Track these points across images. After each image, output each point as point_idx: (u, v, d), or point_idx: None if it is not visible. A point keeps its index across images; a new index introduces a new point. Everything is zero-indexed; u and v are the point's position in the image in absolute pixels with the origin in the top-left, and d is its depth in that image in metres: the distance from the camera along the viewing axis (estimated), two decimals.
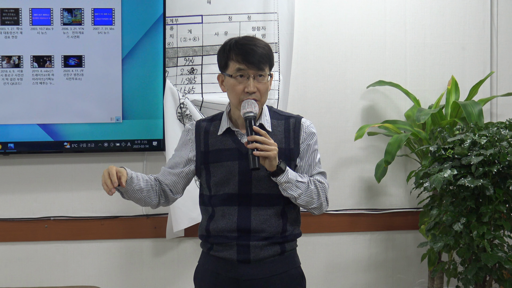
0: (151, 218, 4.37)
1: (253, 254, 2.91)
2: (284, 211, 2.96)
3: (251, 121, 2.83)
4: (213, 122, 3.00)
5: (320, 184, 2.95)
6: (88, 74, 4.14)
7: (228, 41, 2.94)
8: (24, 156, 4.26)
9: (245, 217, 2.91)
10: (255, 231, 2.91)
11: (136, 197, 2.94)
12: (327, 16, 4.47)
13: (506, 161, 3.77)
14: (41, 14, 4.08)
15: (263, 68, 2.87)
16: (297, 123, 2.98)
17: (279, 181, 2.85)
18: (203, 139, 2.98)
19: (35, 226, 4.29)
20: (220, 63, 2.94)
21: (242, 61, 2.86)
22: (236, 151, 2.92)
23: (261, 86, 2.88)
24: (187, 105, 4.17)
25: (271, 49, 2.92)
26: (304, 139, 2.97)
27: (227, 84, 2.92)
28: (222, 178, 2.92)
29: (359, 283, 4.57)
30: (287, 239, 2.97)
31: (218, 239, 2.94)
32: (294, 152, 2.95)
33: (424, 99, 4.51)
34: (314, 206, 2.95)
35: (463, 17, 4.59)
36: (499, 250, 3.81)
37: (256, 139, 2.78)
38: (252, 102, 2.85)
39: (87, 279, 4.33)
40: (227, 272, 2.94)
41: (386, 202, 4.57)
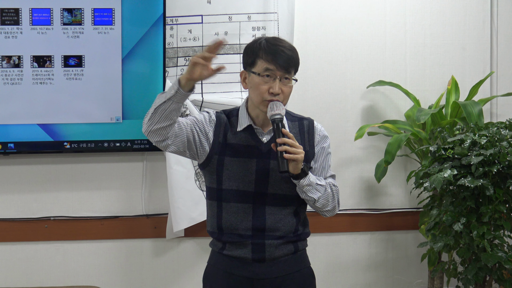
0: (151, 218, 4.37)
1: (268, 252, 2.90)
2: (297, 211, 2.95)
3: (278, 124, 2.80)
4: (231, 118, 2.96)
5: (334, 187, 2.96)
6: (88, 74, 4.13)
7: (257, 39, 2.91)
8: (24, 156, 4.25)
9: (260, 215, 2.89)
10: (270, 230, 2.89)
11: (170, 116, 2.76)
12: (327, 16, 4.47)
13: (506, 161, 3.77)
14: (41, 14, 4.08)
15: (290, 71, 2.86)
16: (310, 126, 2.98)
17: (301, 184, 2.84)
18: (223, 130, 2.93)
19: (35, 226, 4.29)
20: (246, 60, 2.90)
21: (272, 62, 2.83)
22: (255, 148, 2.90)
23: (285, 89, 2.86)
24: (187, 105, 4.17)
25: (298, 54, 2.91)
26: (318, 141, 2.97)
27: (251, 82, 2.88)
28: (237, 173, 2.89)
29: (359, 283, 4.57)
30: (299, 238, 2.96)
31: (232, 238, 2.91)
32: (310, 154, 2.95)
33: (424, 99, 4.51)
34: (328, 209, 2.95)
35: (463, 17, 4.59)
36: (499, 250, 3.81)
37: (286, 142, 2.76)
38: (279, 104, 2.83)
39: (87, 279, 4.33)
40: (240, 272, 2.91)
41: (386, 202, 4.57)
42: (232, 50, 4.23)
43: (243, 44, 4.23)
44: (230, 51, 4.24)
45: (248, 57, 2.90)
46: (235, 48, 4.24)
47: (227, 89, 4.24)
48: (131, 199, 4.36)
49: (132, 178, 4.35)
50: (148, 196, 4.36)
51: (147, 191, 4.36)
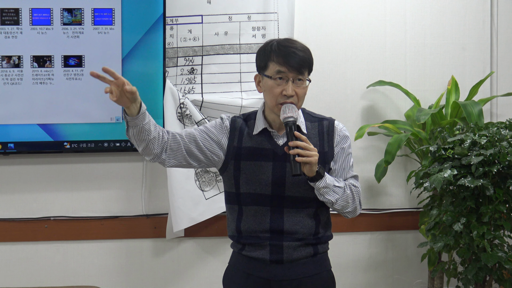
0: (151, 218, 4.37)
1: (286, 254, 2.89)
2: (317, 213, 2.93)
3: (291, 127, 2.79)
4: (248, 122, 2.96)
5: (354, 188, 2.93)
6: (88, 74, 4.13)
7: (269, 41, 2.90)
8: (24, 156, 4.25)
9: (277, 218, 2.88)
10: (288, 232, 2.89)
11: (141, 138, 2.82)
12: (327, 16, 4.47)
13: (506, 161, 3.77)
14: (41, 14, 4.08)
15: (303, 72, 2.84)
16: (330, 126, 2.96)
17: (317, 186, 2.83)
18: (238, 134, 2.93)
19: (35, 226, 4.29)
20: (259, 63, 2.90)
21: (283, 64, 2.82)
22: (271, 152, 2.89)
23: (299, 91, 2.85)
24: (187, 105, 4.17)
25: (311, 54, 2.89)
26: (338, 142, 2.96)
27: (265, 85, 2.88)
28: (254, 176, 2.88)
29: (359, 283, 4.57)
30: (320, 240, 2.96)
31: (250, 240, 2.91)
32: (329, 155, 2.93)
33: (424, 99, 4.51)
34: (349, 210, 2.93)
35: (463, 17, 4.59)
36: (499, 250, 3.81)
37: (298, 144, 2.75)
38: (292, 107, 2.83)
39: (87, 279, 4.33)
40: (258, 273, 2.91)
41: (386, 202, 4.57)
42: (232, 50, 4.23)
43: (243, 44, 4.23)
44: (230, 51, 4.24)
45: (260, 60, 2.89)
46: (235, 48, 4.24)
47: (227, 89, 4.24)
48: (131, 199, 4.36)
49: (132, 178, 4.35)
50: (148, 196, 4.36)
51: (147, 191, 4.36)
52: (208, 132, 2.94)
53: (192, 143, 2.90)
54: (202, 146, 2.91)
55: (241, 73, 4.24)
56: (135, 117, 2.78)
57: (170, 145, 2.88)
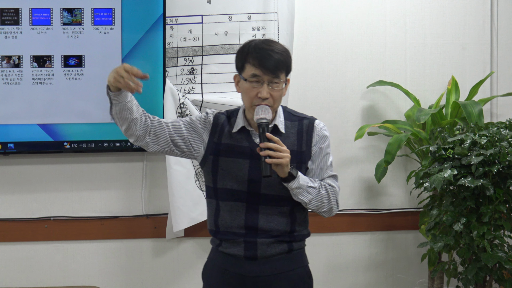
0: (151, 218, 4.37)
1: (260, 251, 2.92)
2: (293, 211, 2.95)
3: (264, 128, 2.82)
4: (231, 119, 2.99)
5: (331, 188, 2.94)
6: (88, 74, 4.13)
7: (247, 43, 2.92)
8: (24, 156, 4.25)
9: (252, 215, 2.91)
10: (262, 230, 2.92)
11: (123, 116, 2.89)
12: (327, 16, 4.47)
13: (506, 161, 3.77)
14: (41, 14, 4.08)
15: (278, 75, 2.85)
16: (310, 125, 2.98)
17: (290, 187, 2.85)
18: (219, 130, 2.97)
19: (35, 226, 4.29)
20: (237, 64, 2.94)
21: (258, 66, 2.84)
22: (248, 150, 2.92)
23: (275, 93, 2.87)
24: (187, 105, 4.17)
25: (289, 55, 2.90)
26: (317, 142, 2.97)
27: (242, 87, 2.92)
28: (231, 173, 2.92)
29: (359, 283, 4.57)
30: (295, 239, 2.97)
31: (226, 235, 2.95)
32: (306, 155, 2.95)
33: (424, 99, 4.51)
34: (324, 210, 2.95)
35: (463, 17, 4.59)
36: (499, 250, 3.81)
37: (269, 146, 2.78)
38: (265, 108, 2.85)
39: (87, 279, 4.33)
40: (234, 268, 2.95)
41: (386, 202, 4.57)
42: (232, 50, 4.23)
43: None
44: (230, 51, 4.24)
45: (238, 61, 2.94)
46: (235, 48, 4.24)
47: (227, 89, 4.24)
48: (131, 199, 4.36)
49: (132, 178, 4.35)
50: (148, 196, 4.36)
51: (147, 191, 4.36)
52: (192, 124, 2.99)
53: (176, 132, 2.97)
54: (185, 137, 2.97)
55: None
56: (118, 93, 2.85)
57: (155, 130, 2.94)
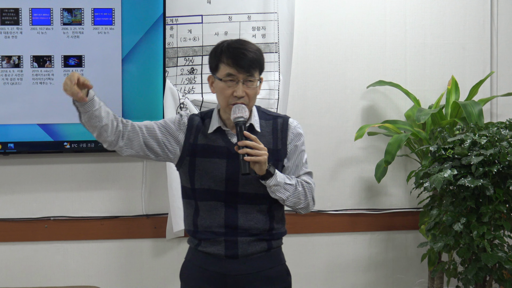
0: (151, 218, 4.37)
1: (241, 249, 2.96)
2: (271, 209, 2.99)
3: (241, 127, 2.86)
4: (205, 120, 3.03)
5: (307, 184, 2.99)
6: (88, 74, 4.13)
7: (220, 43, 2.97)
8: (24, 156, 4.25)
9: (232, 214, 2.95)
10: (242, 228, 2.95)
11: (92, 124, 2.93)
12: (327, 16, 4.47)
13: (506, 161, 3.77)
14: (41, 14, 4.08)
15: (252, 73, 2.90)
16: (284, 124, 3.02)
17: (268, 184, 2.90)
18: (194, 132, 3.00)
19: (35, 226, 4.29)
20: (211, 65, 2.98)
21: (233, 65, 2.89)
22: (225, 149, 2.96)
23: (250, 91, 2.91)
24: (187, 105, 4.17)
25: (262, 54, 2.95)
26: (292, 139, 3.01)
27: (217, 87, 2.96)
28: (208, 173, 2.95)
29: (359, 283, 4.57)
30: (273, 237, 3.01)
31: (206, 235, 2.98)
32: (282, 152, 2.99)
33: (424, 99, 4.51)
34: (301, 207, 3.00)
35: (463, 17, 4.59)
36: (499, 250, 3.81)
37: (247, 144, 2.82)
38: (242, 107, 2.89)
39: (87, 279, 4.33)
40: (214, 268, 2.97)
41: (386, 202, 4.57)
42: None
43: None
44: None
45: (212, 62, 2.97)
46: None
47: None
48: (131, 199, 4.36)
49: (132, 178, 4.35)
50: (148, 196, 4.36)
51: (147, 191, 4.36)
52: (167, 126, 3.02)
53: (150, 135, 3.00)
54: (159, 140, 3.00)
55: None
56: (83, 102, 2.89)
57: (128, 134, 2.98)
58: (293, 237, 4.47)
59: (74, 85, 2.83)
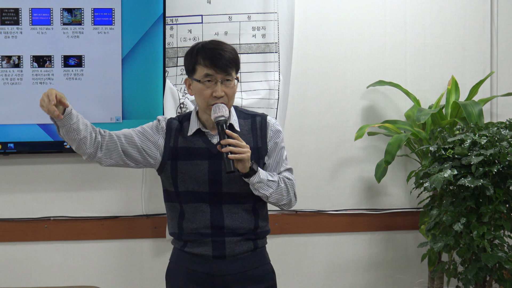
0: (151, 218, 4.37)
1: (228, 249, 2.99)
2: (255, 208, 3.02)
3: (223, 125, 2.89)
4: (183, 123, 3.04)
5: (288, 181, 3.02)
6: (88, 74, 4.13)
7: (195, 45, 2.99)
8: (24, 156, 4.25)
9: (217, 214, 2.97)
10: (229, 228, 2.98)
11: (71, 137, 2.92)
12: (327, 16, 4.47)
13: (506, 161, 3.77)
14: (41, 14, 4.08)
15: (230, 72, 2.93)
16: (263, 122, 3.04)
17: (252, 181, 2.92)
18: (174, 135, 3.02)
19: (35, 226, 4.29)
20: (187, 67, 2.99)
21: (210, 66, 2.91)
22: (206, 150, 2.98)
23: (228, 90, 2.94)
24: (187, 105, 4.17)
25: (237, 53, 2.99)
26: (271, 137, 3.04)
27: (195, 88, 2.97)
28: (191, 175, 2.97)
29: (359, 283, 4.57)
30: (259, 236, 3.05)
31: (192, 237, 3.00)
32: (262, 150, 3.02)
33: (424, 99, 4.51)
34: (284, 203, 3.03)
35: (463, 17, 4.59)
36: (499, 250, 3.81)
37: (230, 142, 2.85)
38: (222, 106, 2.91)
39: (87, 279, 4.33)
40: (202, 268, 2.99)
41: (386, 202, 4.57)
42: None
43: (243, 44, 4.23)
44: None
45: (188, 64, 2.99)
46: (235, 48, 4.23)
47: None
48: (131, 199, 4.36)
49: (132, 178, 4.35)
50: (148, 196, 4.36)
51: (147, 191, 4.36)
52: (145, 133, 3.04)
53: (129, 143, 3.01)
54: (139, 147, 3.02)
55: (241, 73, 4.24)
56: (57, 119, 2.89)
57: (106, 145, 2.99)
58: (293, 237, 4.48)
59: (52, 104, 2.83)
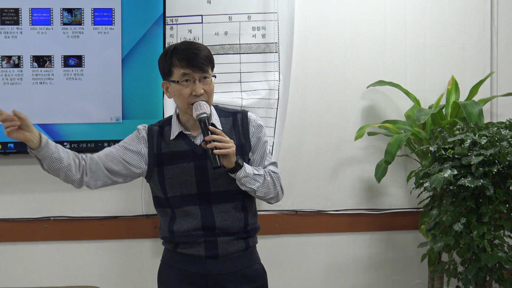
0: (151, 218, 4.37)
1: (221, 249, 3.00)
2: (244, 205, 3.04)
3: (205, 122, 2.89)
4: (164, 128, 3.05)
5: (274, 174, 3.03)
6: (88, 74, 4.13)
7: (168, 48, 3.01)
8: (24, 156, 4.25)
9: (208, 215, 2.98)
10: (220, 228, 2.99)
11: (55, 167, 2.94)
12: (327, 16, 4.47)
13: (506, 161, 3.77)
14: (41, 14, 4.08)
15: (207, 70, 2.95)
16: (244, 118, 3.05)
17: (238, 176, 2.93)
18: (156, 142, 3.03)
19: (35, 226, 4.29)
20: (163, 71, 3.01)
21: (187, 66, 2.92)
22: (190, 152, 2.99)
23: (207, 87, 2.95)
24: None
25: (210, 51, 3.00)
26: (254, 132, 3.05)
27: (173, 90, 2.98)
28: (178, 179, 2.98)
29: (359, 283, 4.57)
30: (249, 234, 3.06)
31: (184, 238, 3.01)
32: (246, 146, 3.03)
33: (424, 99, 4.51)
34: (271, 196, 3.04)
35: (463, 17, 4.59)
36: (499, 250, 3.81)
37: (214, 138, 2.85)
38: (203, 103, 2.92)
39: (87, 279, 4.33)
40: (195, 268, 3.00)
41: (386, 202, 4.57)
42: (232, 50, 4.23)
43: (243, 44, 4.23)
44: (230, 51, 4.24)
45: (163, 67, 3.01)
46: (235, 48, 4.24)
47: (227, 89, 4.24)
48: (131, 199, 4.36)
49: None
50: (148, 196, 4.36)
51: (147, 191, 4.36)
52: (125, 145, 3.06)
53: (111, 160, 3.04)
54: (122, 161, 3.04)
55: (241, 73, 4.24)
56: (40, 149, 2.90)
57: (90, 168, 3.01)
58: (293, 237, 4.48)
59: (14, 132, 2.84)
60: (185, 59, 2.93)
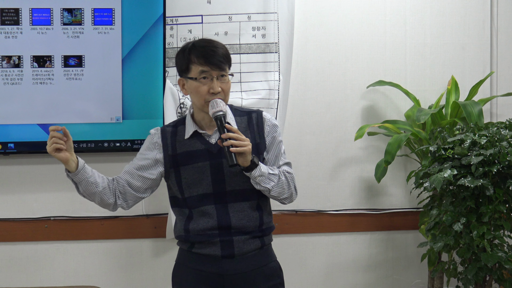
0: (151, 218, 4.37)
1: (237, 249, 2.99)
2: (259, 204, 3.03)
3: (221, 120, 2.88)
4: (178, 127, 3.05)
5: (288, 174, 3.03)
6: (88, 74, 4.13)
7: (186, 44, 3.00)
8: (24, 156, 4.25)
9: (224, 214, 2.97)
10: (236, 227, 2.98)
11: (91, 191, 2.96)
12: (327, 16, 4.47)
13: (506, 161, 3.77)
14: (41, 14, 4.08)
15: (224, 68, 2.95)
16: (259, 117, 3.05)
17: (253, 175, 2.92)
18: (170, 143, 3.03)
19: (35, 226, 4.29)
20: (180, 67, 2.99)
21: (205, 63, 2.92)
22: (205, 151, 2.98)
23: (224, 86, 2.95)
24: (187, 105, 4.17)
25: (227, 49, 3.00)
26: (269, 132, 3.04)
27: (190, 87, 2.97)
28: (194, 179, 2.98)
29: (359, 283, 4.57)
30: (264, 233, 3.05)
31: (199, 238, 2.99)
32: (261, 146, 3.02)
33: (424, 99, 4.51)
34: (285, 196, 3.03)
35: (463, 17, 4.59)
36: (499, 250, 3.81)
37: (230, 136, 2.84)
38: (220, 101, 2.91)
39: (87, 279, 4.33)
40: (211, 268, 2.99)
41: (386, 202, 4.57)
42: (232, 50, 4.23)
43: (243, 44, 4.23)
44: (230, 51, 4.21)
45: (181, 64, 2.99)
46: (235, 48, 4.24)
47: None
48: None
49: None
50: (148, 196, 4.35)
51: None
52: (143, 156, 3.07)
53: (133, 177, 3.05)
54: (143, 175, 3.06)
55: (241, 73, 4.24)
56: (77, 172, 2.93)
57: (119, 190, 3.04)
58: (293, 237, 4.48)
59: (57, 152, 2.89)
60: (203, 56, 2.92)
